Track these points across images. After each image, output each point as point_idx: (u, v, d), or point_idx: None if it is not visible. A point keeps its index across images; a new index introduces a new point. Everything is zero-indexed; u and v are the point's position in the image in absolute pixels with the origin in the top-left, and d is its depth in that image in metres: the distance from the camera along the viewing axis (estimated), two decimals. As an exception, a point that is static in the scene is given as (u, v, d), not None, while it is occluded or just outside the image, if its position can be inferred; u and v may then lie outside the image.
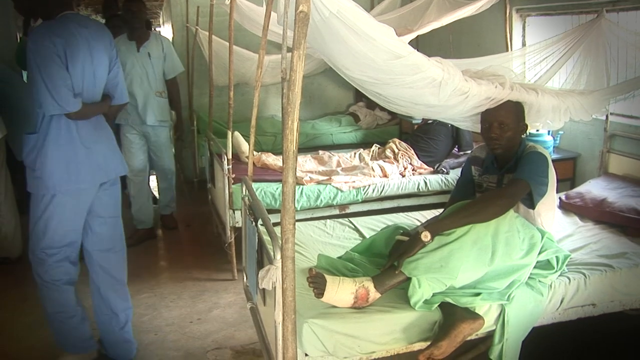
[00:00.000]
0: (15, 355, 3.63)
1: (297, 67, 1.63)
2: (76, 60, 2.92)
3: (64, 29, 2.90)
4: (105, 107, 3.18)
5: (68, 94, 2.89)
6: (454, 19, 4.78)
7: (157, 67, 5.12)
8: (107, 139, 3.22)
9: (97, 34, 3.07)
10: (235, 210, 4.22)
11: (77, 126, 3.00)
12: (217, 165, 4.56)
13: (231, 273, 4.44)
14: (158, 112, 5.17)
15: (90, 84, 3.05)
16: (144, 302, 4.21)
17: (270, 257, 2.29)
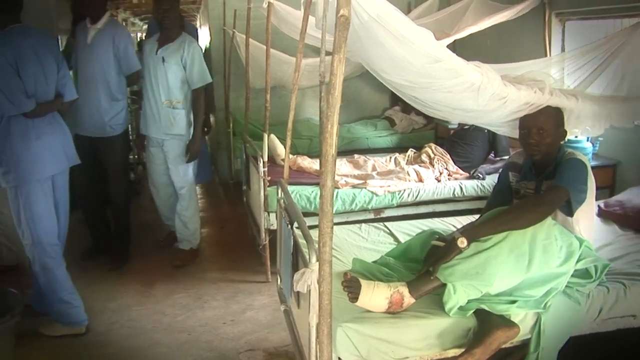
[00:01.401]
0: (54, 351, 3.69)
1: (337, 71, 1.62)
2: (26, 67, 3.41)
3: (11, 40, 3.41)
4: (58, 104, 3.67)
5: (22, 96, 3.39)
6: (491, 23, 4.76)
7: (171, 73, 4.60)
8: (61, 133, 3.73)
9: (41, 41, 3.57)
10: (270, 213, 4.24)
11: (33, 123, 3.50)
12: (253, 167, 4.58)
13: (265, 275, 4.46)
14: (165, 123, 4.68)
15: (42, 85, 3.54)
16: (178, 302, 4.24)
17: (305, 260, 2.30)
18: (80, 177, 4.62)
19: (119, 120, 4.68)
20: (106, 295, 4.37)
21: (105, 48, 4.51)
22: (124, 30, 4.79)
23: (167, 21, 4.58)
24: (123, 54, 4.56)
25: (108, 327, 3.94)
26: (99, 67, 4.52)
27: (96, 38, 4.52)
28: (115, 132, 4.68)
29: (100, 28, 4.51)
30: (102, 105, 4.56)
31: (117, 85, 4.61)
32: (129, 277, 4.67)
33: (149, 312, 4.12)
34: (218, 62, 7.02)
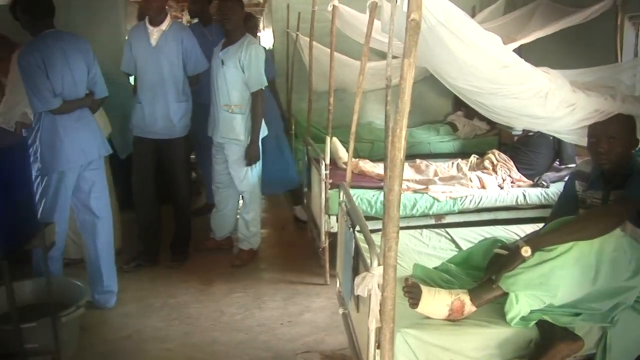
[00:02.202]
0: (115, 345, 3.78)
1: (407, 75, 1.62)
2: (54, 68, 3.71)
3: (43, 44, 3.71)
4: (88, 101, 3.97)
5: (49, 95, 3.68)
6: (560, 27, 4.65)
7: (229, 77, 4.58)
8: (88, 127, 3.97)
9: (72, 45, 3.85)
10: (331, 216, 4.24)
11: (61, 119, 3.78)
12: (314, 170, 4.59)
13: (323, 278, 4.46)
14: (224, 127, 4.69)
15: (70, 85, 3.82)
16: (237, 301, 4.29)
17: (366, 264, 2.29)
18: (139, 179, 4.77)
19: (186, 121, 4.75)
20: (166, 291, 4.46)
21: (174, 49, 4.56)
22: (189, 30, 4.88)
23: (228, 24, 4.57)
24: (191, 54, 4.63)
25: (168, 322, 4.01)
26: (168, 68, 4.57)
27: (162, 40, 4.55)
28: (182, 134, 4.76)
29: (165, 30, 4.56)
30: (171, 107, 4.62)
31: (184, 86, 4.68)
32: (189, 275, 4.74)
33: (207, 310, 4.18)
34: (281, 65, 7.07)
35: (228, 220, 5.20)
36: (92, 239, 4.11)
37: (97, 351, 3.70)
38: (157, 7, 4.53)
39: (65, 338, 3.45)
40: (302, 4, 6.43)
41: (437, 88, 6.63)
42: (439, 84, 2.92)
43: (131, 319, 4.06)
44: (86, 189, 4.02)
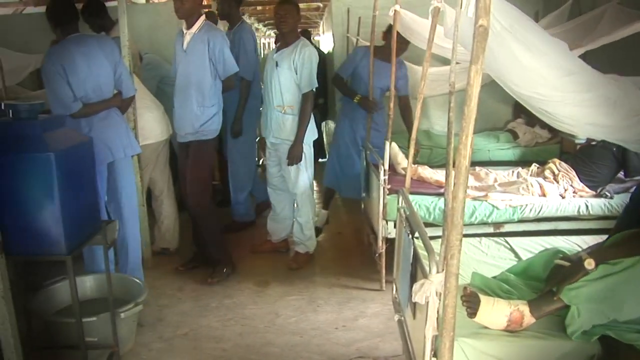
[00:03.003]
0: (171, 342, 3.85)
1: (474, 82, 1.60)
2: (76, 73, 3.78)
3: (63, 50, 3.80)
4: (114, 101, 4.06)
5: (68, 100, 3.76)
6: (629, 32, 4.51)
7: (283, 77, 4.67)
8: (114, 127, 4.02)
9: (96, 48, 3.93)
10: (389, 221, 4.22)
11: (86, 121, 3.88)
12: (373, 175, 4.58)
13: (379, 283, 4.44)
14: (275, 127, 4.78)
15: (94, 87, 3.89)
16: (292, 304, 4.31)
17: (425, 271, 2.27)
18: (182, 183, 4.79)
19: (211, 125, 4.58)
20: (223, 292, 4.52)
21: (200, 52, 4.44)
22: (218, 32, 4.63)
23: (283, 26, 4.65)
24: (218, 56, 4.46)
25: (223, 322, 4.06)
26: (194, 72, 4.48)
27: (191, 43, 4.47)
28: (205, 137, 4.59)
29: (194, 32, 4.45)
30: (194, 112, 4.50)
31: (210, 91, 4.51)
32: (245, 277, 4.79)
33: (263, 311, 4.21)
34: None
35: (284, 223, 5.21)
36: (120, 236, 4.10)
37: (153, 347, 3.78)
38: (186, 10, 4.38)
39: (124, 333, 3.54)
40: (362, 8, 6.42)
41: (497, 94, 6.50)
42: (499, 91, 2.88)
43: (187, 318, 4.13)
44: (114, 187, 4.12)
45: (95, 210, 3.33)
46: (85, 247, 3.25)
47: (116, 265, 4.19)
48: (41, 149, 2.79)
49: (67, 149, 2.95)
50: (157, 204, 5.24)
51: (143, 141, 4.74)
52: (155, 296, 4.38)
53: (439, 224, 4.08)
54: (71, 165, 2.95)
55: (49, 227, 2.83)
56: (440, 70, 5.86)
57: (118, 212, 4.19)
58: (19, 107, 2.97)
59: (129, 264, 4.24)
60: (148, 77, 5.44)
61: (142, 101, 4.75)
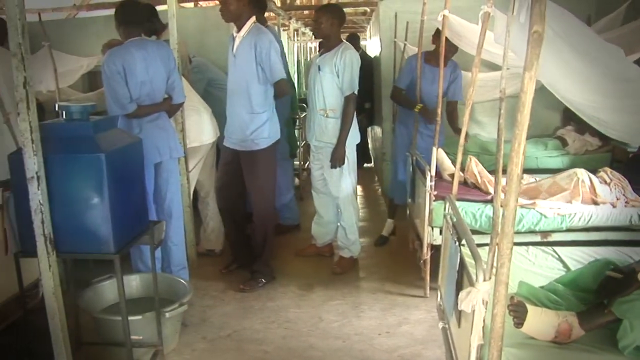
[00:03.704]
0: (214, 343, 3.87)
1: (527, 89, 1.57)
2: (134, 75, 3.90)
3: (125, 52, 3.91)
4: (165, 105, 4.18)
5: (125, 101, 3.88)
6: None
7: (325, 81, 4.68)
8: (162, 129, 4.15)
9: (154, 52, 4.05)
10: (434, 228, 4.18)
11: (137, 122, 4.01)
12: (419, 181, 4.54)
13: (423, 290, 4.40)
14: (318, 131, 4.81)
15: (148, 90, 4.02)
16: (335, 308, 4.30)
17: (471, 279, 2.24)
18: (224, 189, 4.81)
19: (262, 133, 4.49)
20: (266, 294, 4.54)
21: (247, 56, 4.37)
22: (267, 35, 4.43)
23: (320, 32, 4.73)
24: (265, 60, 4.35)
25: (266, 325, 4.08)
26: (242, 77, 4.43)
27: (240, 47, 4.41)
28: (259, 147, 4.51)
29: (243, 36, 4.39)
30: (243, 118, 4.46)
31: (259, 97, 4.44)
32: (289, 280, 4.81)
33: (306, 315, 4.21)
34: (387, 74, 7.04)
35: (328, 227, 5.22)
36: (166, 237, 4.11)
37: (196, 348, 3.81)
38: (231, 12, 4.35)
39: (168, 333, 3.59)
40: (410, 13, 6.38)
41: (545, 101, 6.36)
42: (548, 97, 2.82)
43: (231, 319, 4.16)
44: (160, 188, 4.22)
45: (143, 210, 3.38)
46: (132, 247, 3.30)
47: (162, 265, 4.25)
48: (92, 149, 2.84)
49: (118, 149, 3.00)
50: (203, 206, 5.31)
51: (190, 143, 4.81)
52: (199, 297, 4.43)
53: (486, 232, 4.02)
54: (121, 166, 3.00)
55: (99, 226, 2.87)
56: (488, 75, 5.77)
57: (163, 212, 4.25)
58: (72, 109, 3.03)
59: (174, 264, 4.30)
60: (196, 80, 5.50)
61: (191, 104, 4.80)
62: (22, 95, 2.70)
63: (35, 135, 2.74)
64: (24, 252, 3.04)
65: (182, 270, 4.35)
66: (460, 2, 5.77)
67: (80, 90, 6.90)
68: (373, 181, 8.62)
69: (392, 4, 7.02)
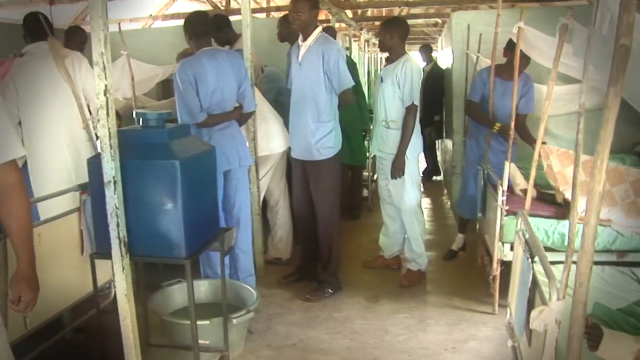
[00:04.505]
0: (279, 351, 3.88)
1: (612, 105, 1.52)
2: (205, 85, 4.01)
3: (196, 63, 4.02)
4: (235, 114, 4.25)
5: (195, 110, 4.00)
6: None
7: (387, 93, 4.70)
8: (232, 138, 4.23)
9: (225, 62, 4.13)
10: (505, 243, 4.09)
11: (207, 130, 4.12)
12: (490, 195, 4.46)
13: (492, 306, 4.29)
14: (379, 141, 4.84)
15: (219, 100, 4.11)
16: (401, 321, 4.26)
17: (544, 297, 2.19)
18: (296, 198, 4.85)
19: (327, 143, 4.50)
20: (333, 304, 4.53)
21: (314, 65, 4.38)
22: (334, 45, 4.47)
23: (382, 45, 4.79)
24: (333, 70, 4.36)
25: (332, 335, 4.06)
26: (309, 85, 4.43)
27: (306, 55, 4.43)
28: (323, 157, 4.52)
29: (310, 45, 4.41)
30: (309, 127, 4.46)
31: (325, 105, 4.45)
32: (356, 291, 4.78)
33: (371, 327, 4.18)
34: (459, 86, 6.96)
35: (395, 238, 5.18)
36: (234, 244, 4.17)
37: (261, 355, 3.83)
38: (302, 22, 4.35)
39: (234, 339, 3.63)
40: (484, 24, 6.30)
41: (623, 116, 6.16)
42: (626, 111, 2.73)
43: (296, 328, 4.17)
44: (229, 195, 4.29)
45: (214, 217, 3.43)
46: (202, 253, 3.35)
47: (229, 271, 4.30)
48: (167, 156, 2.90)
49: (192, 156, 3.05)
50: (272, 214, 5.35)
51: (261, 152, 4.87)
52: (265, 304, 4.46)
53: (558, 249, 3.92)
54: (194, 173, 3.06)
55: (171, 231, 2.93)
56: (563, 89, 5.63)
57: (232, 220, 4.31)
58: (148, 116, 3.12)
59: (241, 271, 4.35)
60: (267, 90, 5.56)
61: (262, 113, 4.87)
62: (102, 102, 2.78)
63: (113, 141, 2.82)
64: (99, 254, 3.13)
65: (249, 278, 4.39)
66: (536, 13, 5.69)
67: (154, 98, 7.08)
68: (442, 194, 8.52)
69: (464, 15, 6.95)
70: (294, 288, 4.80)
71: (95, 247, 3.24)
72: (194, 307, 3.10)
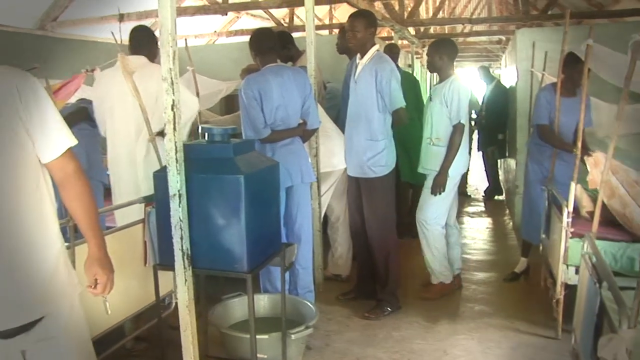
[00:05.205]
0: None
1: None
2: (269, 101, 4.06)
3: (262, 79, 4.09)
4: (298, 131, 4.29)
5: (260, 126, 4.07)
6: None
7: (435, 111, 4.73)
8: (295, 154, 4.27)
9: (290, 79, 4.19)
10: (569, 266, 3.99)
11: (271, 145, 4.19)
12: (554, 216, 4.36)
13: (554, 331, 4.16)
14: (425, 158, 4.84)
15: (283, 116, 4.16)
16: (461, 343, 4.19)
17: (613, 325, 2.12)
18: (353, 215, 4.85)
19: (379, 161, 4.52)
20: (392, 324, 4.49)
21: (368, 84, 4.43)
22: (388, 63, 4.46)
23: (430, 66, 4.88)
24: (385, 89, 4.38)
25: (390, 355, 4.03)
26: (362, 103, 4.49)
27: (361, 73, 4.49)
28: (376, 175, 4.54)
29: (365, 63, 4.47)
30: (362, 144, 4.52)
31: (378, 124, 4.48)
32: (415, 310, 4.73)
33: (430, 348, 4.12)
34: (523, 105, 6.86)
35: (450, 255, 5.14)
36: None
37: (322, 371, 3.83)
38: (358, 40, 4.44)
39: (292, 354, 3.63)
40: (549, 42, 6.22)
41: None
42: None
43: (354, 346, 4.14)
44: (290, 211, 4.34)
45: (276, 232, 3.46)
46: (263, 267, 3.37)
47: (289, 287, 4.32)
48: (232, 170, 2.95)
49: (256, 171, 3.10)
50: (332, 231, 5.37)
51: (323, 168, 4.89)
52: (324, 321, 4.45)
53: (628, 274, 3.79)
54: (258, 188, 3.10)
55: (234, 244, 2.97)
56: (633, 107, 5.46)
57: (294, 235, 4.33)
58: (214, 131, 3.17)
59: (301, 286, 4.36)
60: (329, 106, 5.60)
61: (325, 130, 4.89)
62: (169, 117, 2.85)
63: (179, 155, 2.89)
64: (162, 265, 3.20)
65: (309, 293, 4.40)
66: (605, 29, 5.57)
67: (217, 113, 7.19)
68: (504, 214, 8.37)
69: (530, 32, 6.88)
70: (353, 305, 4.78)
71: (158, 259, 3.30)
72: (253, 321, 3.12)
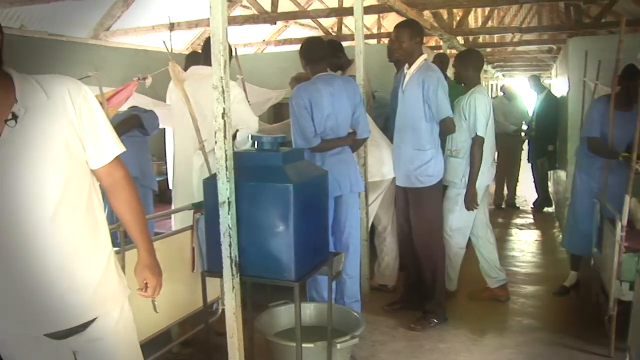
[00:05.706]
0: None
1: None
2: (319, 110, 4.08)
3: (312, 88, 4.12)
4: (348, 140, 4.30)
5: (310, 135, 4.08)
6: None
7: (459, 123, 4.69)
8: (344, 163, 4.27)
9: (341, 88, 4.19)
10: (623, 282, 3.88)
11: (320, 155, 4.19)
12: (607, 229, 4.26)
13: (607, 349, 4.04)
14: (446, 170, 4.74)
15: (333, 125, 4.17)
16: (508, 357, 4.13)
17: (672, 344, 2.05)
18: (401, 225, 4.87)
19: (426, 171, 4.51)
20: (438, 335, 4.44)
21: (415, 93, 4.42)
22: (435, 73, 4.44)
23: (458, 79, 4.96)
24: (432, 98, 4.36)
25: (435, 367, 3.99)
26: (410, 113, 4.49)
27: (409, 83, 4.48)
28: (423, 185, 4.53)
29: (413, 72, 4.47)
30: (409, 154, 4.53)
31: (426, 133, 4.47)
32: (462, 322, 4.67)
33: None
34: (575, 115, 6.71)
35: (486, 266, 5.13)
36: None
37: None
38: (404, 50, 4.46)
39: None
40: (603, 51, 6.07)
41: None
42: None
43: (400, 357, 4.12)
44: (339, 220, 4.33)
45: (324, 241, 3.45)
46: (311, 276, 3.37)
47: (335, 296, 4.31)
48: (281, 179, 2.96)
49: (305, 180, 3.10)
50: (379, 241, 5.35)
51: (372, 177, 4.89)
52: (369, 331, 4.43)
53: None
54: (307, 197, 3.10)
55: (282, 253, 2.98)
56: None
57: (341, 245, 4.33)
58: (264, 139, 3.19)
59: (347, 296, 4.35)
60: (377, 115, 5.59)
61: (374, 139, 4.88)
62: (220, 125, 2.88)
63: (229, 163, 2.91)
64: (209, 272, 3.23)
65: (355, 303, 4.39)
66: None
67: (265, 121, 7.21)
68: (553, 226, 8.22)
69: (582, 41, 6.76)
70: (399, 316, 4.75)
71: (206, 265, 3.33)
72: (300, 330, 3.12)
